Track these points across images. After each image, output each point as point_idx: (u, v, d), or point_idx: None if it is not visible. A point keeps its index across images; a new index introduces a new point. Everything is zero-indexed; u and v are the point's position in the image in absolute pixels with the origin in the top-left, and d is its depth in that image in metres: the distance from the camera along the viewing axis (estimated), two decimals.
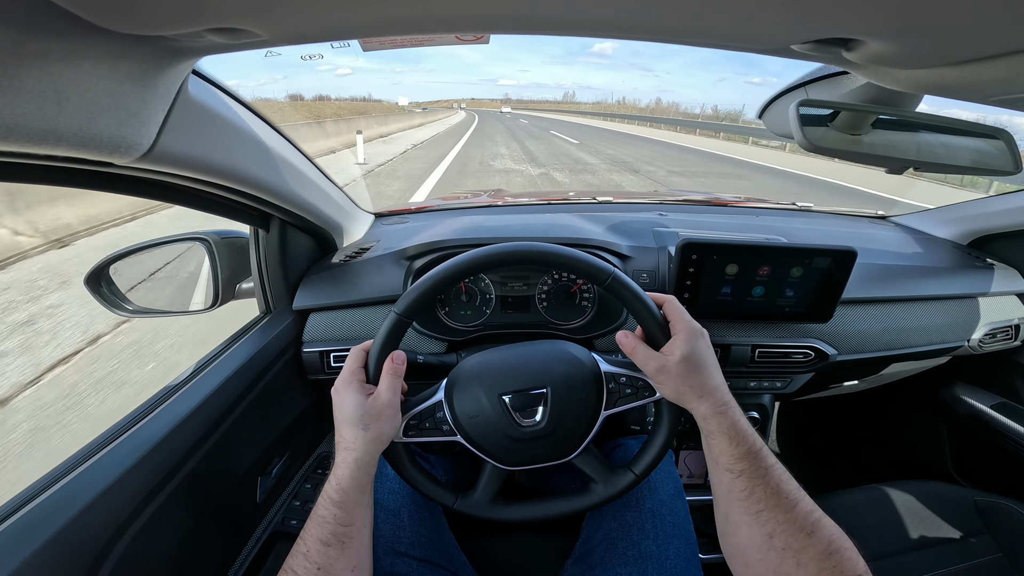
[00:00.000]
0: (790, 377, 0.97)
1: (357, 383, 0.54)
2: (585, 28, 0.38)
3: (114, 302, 0.81)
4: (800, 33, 0.34)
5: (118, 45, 0.34)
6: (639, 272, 0.91)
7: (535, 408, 0.57)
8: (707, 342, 0.55)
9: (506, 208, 1.26)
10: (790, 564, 0.43)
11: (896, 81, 0.43)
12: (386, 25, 0.37)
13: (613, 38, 0.39)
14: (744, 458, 0.49)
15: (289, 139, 0.72)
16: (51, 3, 0.27)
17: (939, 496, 0.92)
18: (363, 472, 0.51)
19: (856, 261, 0.80)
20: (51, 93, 0.32)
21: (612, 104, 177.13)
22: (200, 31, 0.33)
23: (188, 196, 0.61)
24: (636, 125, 30.03)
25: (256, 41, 0.36)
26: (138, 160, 0.43)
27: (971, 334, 0.99)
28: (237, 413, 0.73)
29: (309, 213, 0.83)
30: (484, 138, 13.17)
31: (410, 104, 47.36)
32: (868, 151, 0.60)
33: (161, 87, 0.41)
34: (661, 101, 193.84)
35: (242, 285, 0.89)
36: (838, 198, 6.98)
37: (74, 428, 1.95)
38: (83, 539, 0.49)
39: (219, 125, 0.54)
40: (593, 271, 0.57)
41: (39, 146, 0.34)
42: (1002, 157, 0.61)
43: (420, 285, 0.56)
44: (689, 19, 0.34)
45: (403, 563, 0.63)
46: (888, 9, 0.29)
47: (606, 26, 0.36)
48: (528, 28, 0.40)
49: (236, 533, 0.78)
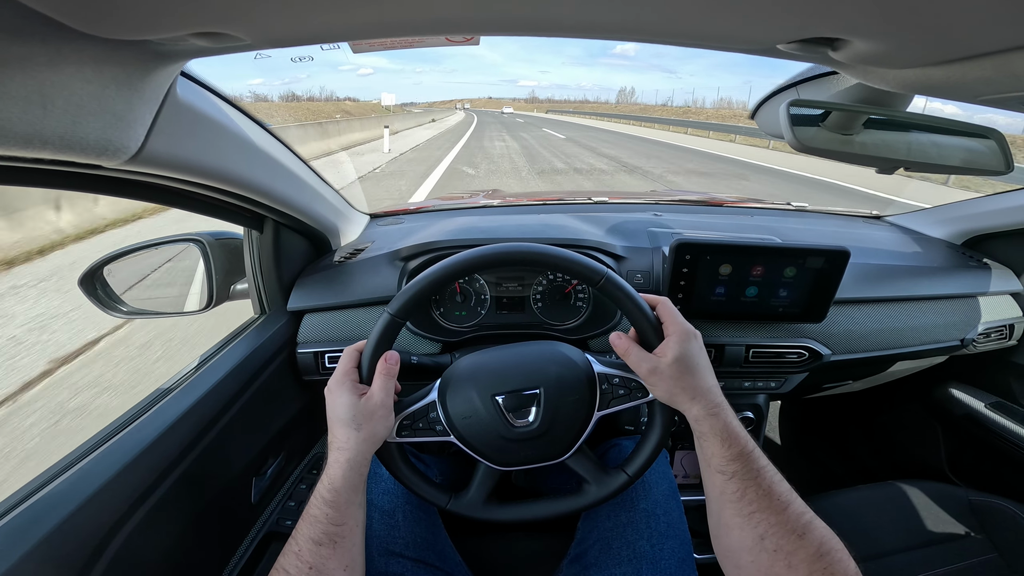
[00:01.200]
0: (784, 377, 0.97)
1: (350, 383, 0.54)
2: (568, 29, 0.38)
3: (108, 303, 0.81)
4: (785, 33, 0.35)
5: (102, 49, 0.34)
6: (633, 272, 0.91)
7: (528, 409, 0.57)
8: (700, 344, 0.55)
9: (501, 209, 1.27)
10: (781, 566, 0.44)
11: (884, 80, 0.43)
12: (372, 28, 0.37)
13: (596, 38, 0.39)
14: (736, 460, 0.49)
15: (282, 140, 0.72)
16: (33, 10, 0.27)
17: (934, 496, 0.92)
18: (356, 472, 0.51)
19: (850, 261, 0.80)
20: (35, 97, 0.32)
21: (631, 105, 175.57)
22: (183, 35, 0.33)
23: (180, 198, 0.61)
24: (651, 127, 29.06)
25: (240, 45, 0.36)
26: (127, 162, 0.43)
27: (966, 334, 0.99)
28: (231, 414, 0.73)
29: (303, 214, 0.83)
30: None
31: (396, 106, 45.81)
32: (859, 151, 0.60)
33: (148, 90, 0.41)
34: (695, 101, 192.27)
35: (236, 286, 0.89)
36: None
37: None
38: (76, 539, 0.49)
39: (209, 127, 0.54)
40: (586, 272, 0.57)
41: (25, 149, 0.34)
42: (993, 156, 0.62)
43: (414, 286, 0.56)
44: (671, 19, 0.34)
45: (398, 563, 0.63)
46: (871, 8, 0.29)
47: (588, 27, 0.37)
48: (516, 29, 0.40)
49: (230, 534, 0.78)
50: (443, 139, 16.37)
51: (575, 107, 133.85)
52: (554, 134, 21.18)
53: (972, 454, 1.18)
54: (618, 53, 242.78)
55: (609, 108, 40.65)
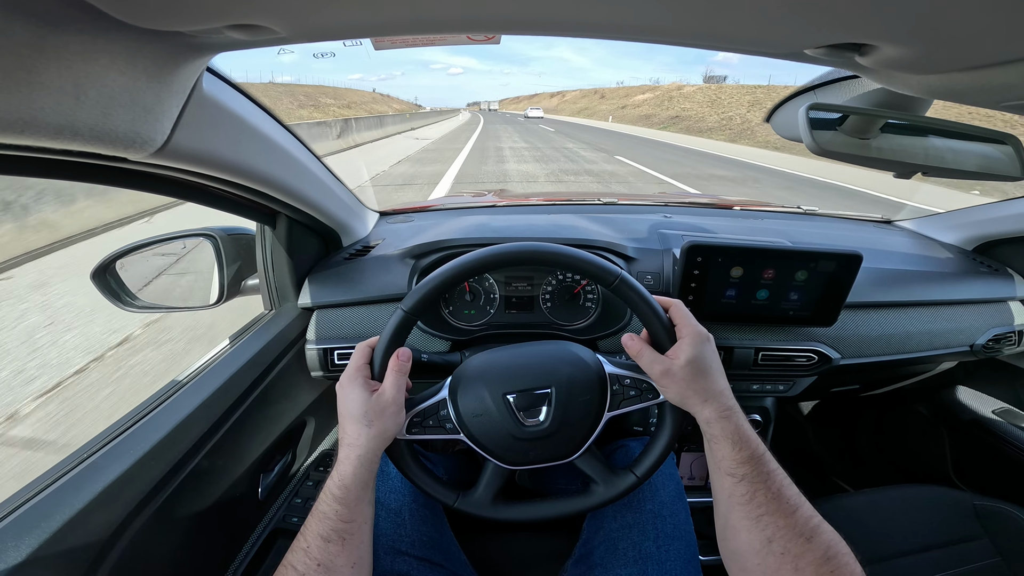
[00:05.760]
0: (793, 380, 0.97)
1: (362, 379, 0.54)
2: (597, 30, 0.38)
3: (120, 297, 0.81)
4: (814, 38, 0.35)
5: (136, 41, 0.34)
6: (643, 274, 0.91)
7: (539, 408, 0.57)
8: (713, 347, 0.55)
9: (511, 208, 1.27)
10: (788, 569, 0.44)
11: (908, 86, 0.43)
12: (401, 25, 0.37)
13: (625, 40, 0.39)
14: (746, 463, 0.49)
15: (299, 137, 0.73)
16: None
17: (938, 500, 0.92)
18: (366, 468, 0.51)
19: (861, 265, 0.80)
20: (69, 88, 0.32)
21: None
22: (219, 27, 0.33)
23: (197, 192, 0.62)
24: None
25: (273, 38, 0.36)
26: (151, 156, 0.43)
27: (975, 339, 0.99)
28: (241, 410, 0.73)
29: (316, 211, 0.83)
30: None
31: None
32: (876, 155, 0.60)
33: (176, 83, 0.41)
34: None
35: (248, 282, 0.89)
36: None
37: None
38: (85, 535, 0.49)
39: (231, 122, 0.54)
40: (600, 272, 0.57)
41: (55, 140, 0.34)
42: (1010, 162, 0.61)
43: (427, 283, 0.56)
44: (703, 22, 0.34)
45: (403, 562, 0.63)
46: (904, 14, 0.29)
47: (619, 28, 0.37)
48: (540, 29, 0.40)
49: (237, 530, 0.78)
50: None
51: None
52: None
53: (978, 459, 1.18)
54: (720, 61, 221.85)
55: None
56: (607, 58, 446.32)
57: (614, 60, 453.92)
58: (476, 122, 36.83)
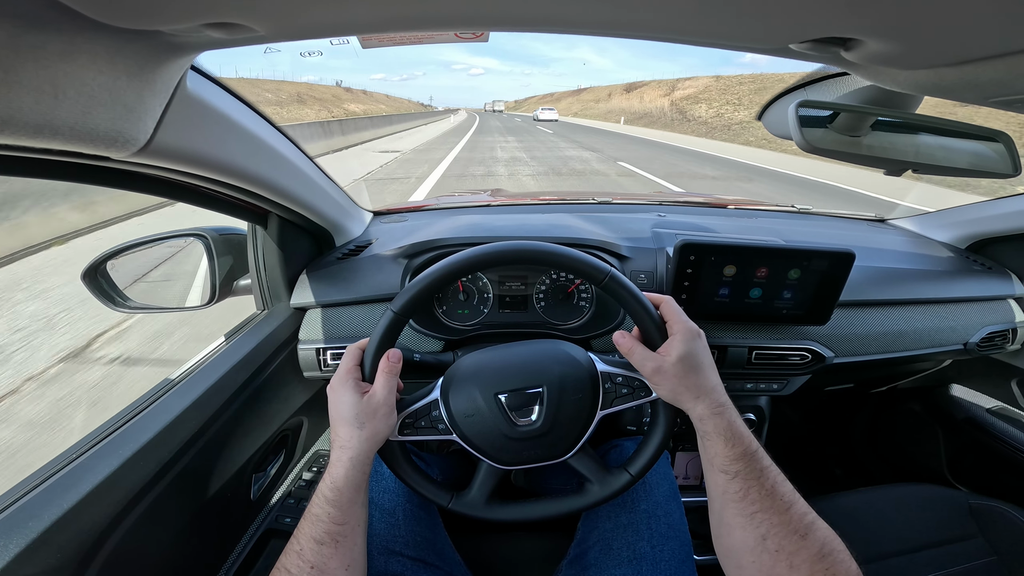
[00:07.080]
0: (787, 379, 0.97)
1: (353, 381, 0.54)
2: (582, 26, 0.38)
3: (111, 297, 0.80)
4: (798, 32, 0.34)
5: (115, 40, 0.34)
6: (637, 272, 0.91)
7: (531, 407, 0.57)
8: (704, 343, 0.55)
9: (504, 208, 1.26)
10: (783, 566, 0.43)
11: (895, 81, 0.43)
12: (385, 22, 0.37)
13: (610, 36, 0.39)
14: (740, 459, 0.49)
15: (289, 137, 0.72)
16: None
17: (933, 499, 0.92)
18: (358, 470, 0.51)
19: (854, 264, 0.80)
20: (48, 87, 0.32)
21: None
22: (197, 26, 0.33)
23: (186, 192, 0.61)
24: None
25: (253, 36, 0.36)
26: (135, 155, 0.43)
27: (969, 338, 0.99)
28: (232, 410, 0.72)
29: (307, 210, 0.82)
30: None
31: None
32: (867, 153, 0.60)
33: (159, 82, 0.40)
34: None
35: (239, 282, 0.89)
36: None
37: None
38: (74, 535, 0.49)
39: (218, 121, 0.53)
40: (590, 271, 0.57)
41: (35, 139, 0.34)
42: (1001, 159, 0.61)
43: (417, 283, 0.55)
44: (687, 18, 0.34)
45: (398, 562, 0.63)
46: (886, 8, 0.29)
47: (603, 24, 0.36)
48: (527, 26, 0.40)
49: (230, 530, 0.78)
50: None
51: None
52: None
53: (972, 457, 1.18)
54: (747, 63, 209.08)
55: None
56: (630, 60, 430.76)
57: (637, 61, 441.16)
58: (470, 124, 30.89)
